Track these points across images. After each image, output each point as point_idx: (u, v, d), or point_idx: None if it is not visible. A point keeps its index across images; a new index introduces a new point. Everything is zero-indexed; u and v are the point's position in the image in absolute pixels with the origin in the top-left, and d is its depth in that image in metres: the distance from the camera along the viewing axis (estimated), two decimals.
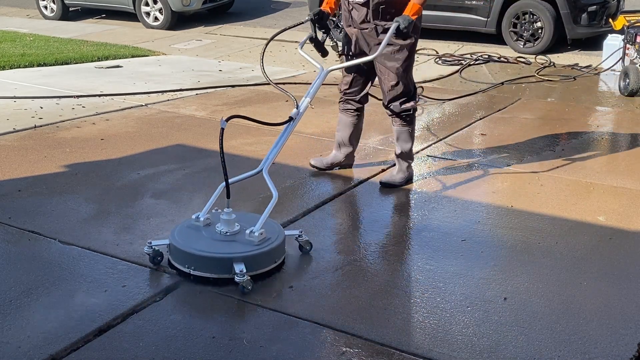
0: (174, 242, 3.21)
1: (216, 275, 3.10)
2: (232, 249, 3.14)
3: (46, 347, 2.63)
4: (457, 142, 5.52)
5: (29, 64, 8.47)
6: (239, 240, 3.21)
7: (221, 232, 3.25)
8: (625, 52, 7.69)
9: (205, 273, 3.11)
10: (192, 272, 3.12)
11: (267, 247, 3.19)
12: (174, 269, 3.21)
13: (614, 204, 4.22)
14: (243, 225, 3.27)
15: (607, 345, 2.73)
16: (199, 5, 12.14)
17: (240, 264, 3.06)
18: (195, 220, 3.34)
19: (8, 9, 14.74)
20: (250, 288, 3.05)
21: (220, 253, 3.13)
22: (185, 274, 3.15)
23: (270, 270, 3.21)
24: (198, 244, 3.17)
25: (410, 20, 3.92)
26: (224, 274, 3.09)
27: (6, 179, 4.40)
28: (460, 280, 3.24)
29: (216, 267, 3.10)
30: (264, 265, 3.18)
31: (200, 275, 3.11)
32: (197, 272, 3.11)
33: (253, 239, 3.17)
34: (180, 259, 3.16)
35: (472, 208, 4.17)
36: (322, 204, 4.14)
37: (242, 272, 3.03)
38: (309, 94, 3.79)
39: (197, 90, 7.27)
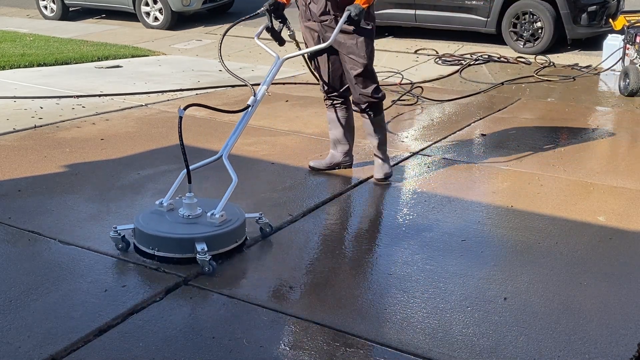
0: (138, 225, 3.33)
1: (179, 255, 3.23)
2: (194, 230, 3.28)
3: (46, 347, 2.63)
4: (457, 142, 5.52)
5: (29, 64, 8.47)
6: (201, 222, 3.35)
7: (183, 215, 3.38)
8: (625, 52, 7.69)
9: (168, 253, 3.24)
10: (156, 252, 3.25)
11: (227, 227, 3.33)
12: (139, 252, 3.33)
13: (614, 204, 4.22)
14: (205, 209, 3.41)
15: (607, 345, 2.73)
16: (199, 5, 12.14)
17: (202, 244, 3.20)
18: (159, 206, 3.46)
19: (8, 9, 14.74)
20: (212, 269, 3.18)
21: (182, 234, 3.26)
22: (150, 256, 3.28)
23: (231, 251, 3.35)
24: (161, 227, 3.31)
25: (360, 9, 3.99)
26: (186, 253, 3.22)
27: (6, 179, 4.40)
28: (460, 280, 3.24)
29: (179, 247, 3.24)
30: (225, 244, 3.32)
31: (164, 255, 3.24)
32: (161, 252, 3.25)
33: (214, 220, 3.32)
34: (145, 242, 3.29)
35: (472, 208, 4.17)
36: (322, 204, 4.14)
37: (204, 250, 3.17)
38: (265, 82, 3.90)
39: (197, 90, 7.27)
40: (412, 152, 5.19)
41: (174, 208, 3.47)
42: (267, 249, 3.56)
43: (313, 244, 3.68)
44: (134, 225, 3.37)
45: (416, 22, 10.31)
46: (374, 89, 4.31)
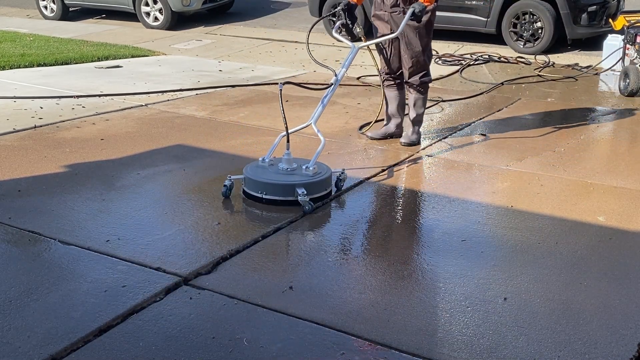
0: (248, 175, 4.10)
1: (283, 198, 3.98)
2: (294, 179, 4.06)
3: (46, 347, 2.63)
4: (457, 142, 5.52)
5: (29, 64, 8.47)
6: (298, 173, 4.13)
7: (283, 168, 4.15)
8: (625, 52, 7.69)
9: (274, 197, 3.99)
10: (264, 196, 4.01)
11: (319, 177, 4.12)
12: (248, 196, 4.10)
13: (614, 204, 4.22)
14: (300, 164, 4.19)
15: (607, 346, 2.73)
16: (199, 5, 12.14)
17: (301, 188, 3.96)
18: (261, 162, 4.23)
19: (8, 9, 14.75)
20: (311, 207, 3.93)
21: (286, 181, 4.03)
22: (258, 199, 4.03)
23: (322, 197, 4.12)
24: (268, 176, 4.08)
25: (423, 6, 4.76)
26: (289, 196, 3.98)
27: (6, 179, 4.40)
28: (460, 280, 3.24)
29: (283, 192, 4.00)
30: (318, 191, 4.09)
31: (271, 198, 4.00)
32: (269, 196, 4.00)
33: (309, 172, 4.11)
34: (254, 187, 4.05)
35: (472, 208, 4.17)
36: (323, 204, 4.14)
37: (304, 193, 3.94)
38: (345, 65, 4.69)
39: (197, 90, 7.27)
40: (412, 152, 5.19)
41: (274, 164, 4.22)
42: (267, 249, 3.56)
43: (313, 243, 3.68)
44: (244, 175, 4.12)
45: None
46: (423, 74, 5.19)
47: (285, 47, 10.22)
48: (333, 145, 5.29)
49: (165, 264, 3.29)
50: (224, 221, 3.86)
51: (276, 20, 12.46)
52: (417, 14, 4.71)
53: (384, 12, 5.10)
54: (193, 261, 3.33)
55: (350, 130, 5.76)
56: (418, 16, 4.73)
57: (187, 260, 3.34)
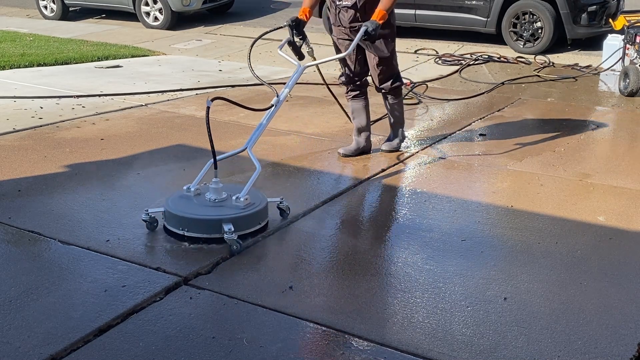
0: (168, 208, 3.58)
1: (207, 235, 3.46)
2: (221, 212, 3.53)
3: (46, 347, 2.63)
4: (457, 142, 5.52)
5: (29, 64, 8.47)
6: (227, 205, 3.59)
7: (210, 199, 3.62)
8: (625, 52, 7.68)
9: (197, 234, 3.47)
10: (186, 233, 3.48)
11: (252, 210, 3.58)
12: (169, 233, 3.57)
13: (614, 204, 4.22)
14: (230, 193, 3.65)
15: (607, 345, 2.73)
16: (199, 5, 12.14)
17: (228, 224, 3.42)
18: (186, 191, 3.71)
19: (8, 9, 14.74)
20: (239, 247, 3.40)
21: (210, 215, 3.51)
22: (179, 236, 3.50)
23: (255, 232, 3.59)
24: (191, 209, 3.55)
25: (376, 24, 4.44)
26: (214, 233, 3.45)
27: (6, 179, 4.40)
28: (460, 280, 3.24)
29: (208, 228, 3.47)
30: (250, 226, 3.56)
31: (193, 236, 3.47)
32: (191, 233, 3.48)
33: (239, 203, 3.57)
34: (175, 223, 3.53)
35: (472, 208, 4.17)
36: (322, 204, 4.14)
37: (231, 230, 3.39)
38: (288, 85, 4.27)
39: (197, 90, 7.27)
40: (412, 152, 5.19)
41: (201, 193, 3.72)
42: (267, 249, 3.56)
43: (313, 244, 3.67)
44: (164, 208, 3.61)
45: (416, 22, 10.30)
46: (393, 80, 4.94)
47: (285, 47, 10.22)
48: (333, 145, 5.30)
49: (165, 264, 3.29)
50: None
51: (276, 20, 12.45)
52: (370, 32, 4.39)
53: (344, 27, 4.81)
54: (193, 261, 3.33)
55: (350, 130, 5.74)
56: (372, 35, 4.42)
57: (187, 260, 3.34)
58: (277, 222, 3.80)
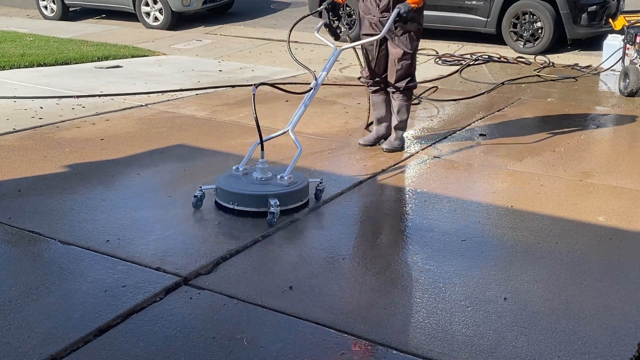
0: (220, 185, 3.95)
1: (255, 209, 3.84)
2: (268, 189, 3.91)
3: (46, 347, 2.63)
4: (457, 142, 5.52)
5: (29, 64, 8.47)
6: (272, 183, 3.98)
7: (257, 178, 4.00)
8: (625, 52, 7.68)
9: (246, 208, 3.86)
10: (235, 207, 3.87)
11: (295, 187, 3.95)
12: (219, 207, 3.94)
13: (614, 204, 4.22)
14: (274, 173, 4.03)
15: (607, 345, 2.73)
16: (199, 5, 12.14)
17: (274, 199, 3.80)
18: (235, 171, 4.08)
19: (8, 9, 14.75)
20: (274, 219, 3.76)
21: (258, 191, 3.88)
22: (229, 210, 3.89)
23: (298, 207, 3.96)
24: (240, 186, 3.94)
25: (409, 7, 4.68)
26: (261, 207, 3.82)
27: (6, 179, 4.40)
28: (460, 280, 3.24)
29: (255, 202, 3.85)
30: (293, 202, 3.93)
31: (242, 209, 3.86)
32: (240, 207, 3.86)
33: (283, 182, 3.95)
34: (226, 198, 3.91)
35: (472, 208, 4.17)
36: (322, 204, 4.14)
37: (276, 204, 3.76)
38: (325, 68, 4.58)
39: (197, 91, 7.27)
40: (412, 152, 5.19)
41: (248, 173, 4.07)
42: (267, 249, 3.56)
43: (313, 244, 3.68)
44: (216, 185, 3.96)
45: None
46: (409, 80, 5.07)
47: (285, 47, 10.21)
48: (333, 145, 5.30)
49: (165, 264, 3.29)
50: (224, 221, 3.86)
51: (276, 20, 12.46)
52: (402, 14, 4.64)
53: (373, 17, 4.97)
54: (193, 261, 3.34)
55: (350, 130, 5.76)
56: (404, 17, 4.65)
57: (187, 260, 3.34)
58: (278, 224, 3.80)
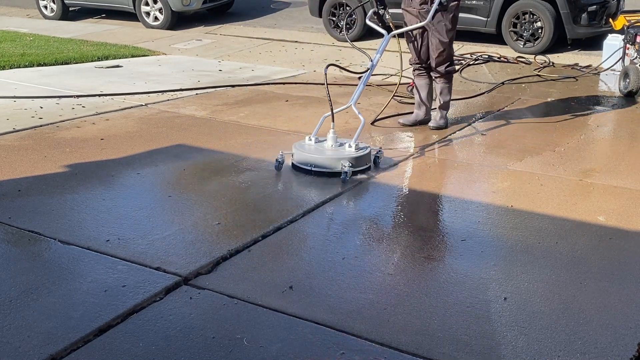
0: (299, 150, 4.72)
1: (330, 170, 4.59)
2: (340, 154, 4.67)
3: (46, 347, 2.63)
4: (457, 142, 5.52)
5: (29, 64, 8.47)
6: (343, 149, 4.73)
7: (330, 145, 4.76)
8: (625, 52, 7.68)
9: (322, 169, 4.60)
10: (313, 169, 4.61)
11: (361, 153, 4.69)
12: (297, 169, 4.68)
13: (614, 204, 4.22)
14: (342, 142, 4.79)
15: (607, 345, 2.73)
16: (199, 5, 12.14)
17: (346, 162, 4.57)
18: (308, 140, 4.83)
19: (8, 9, 14.75)
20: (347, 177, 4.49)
21: (333, 156, 4.65)
22: (307, 171, 4.62)
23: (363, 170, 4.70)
24: (317, 152, 4.71)
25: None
26: (335, 168, 4.58)
27: (6, 179, 4.40)
28: (460, 280, 3.24)
29: (330, 164, 4.61)
30: (360, 165, 4.67)
31: (319, 170, 4.60)
32: (317, 169, 4.61)
33: (352, 148, 4.69)
34: (305, 162, 4.66)
35: (472, 208, 4.17)
36: (322, 204, 4.14)
37: (348, 165, 4.55)
38: (379, 51, 5.24)
39: (197, 90, 7.27)
40: (412, 152, 5.19)
41: (319, 141, 4.81)
42: (267, 249, 3.56)
43: (313, 243, 3.68)
44: (294, 151, 4.73)
45: None
46: (448, 64, 5.71)
47: (285, 47, 10.22)
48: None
49: (165, 264, 3.30)
50: (224, 221, 3.86)
51: (276, 20, 12.46)
52: (443, 3, 5.28)
53: (413, 9, 5.63)
54: (193, 261, 3.34)
55: (350, 130, 5.75)
56: (444, 5, 5.29)
57: (187, 260, 3.34)
58: (278, 223, 3.80)
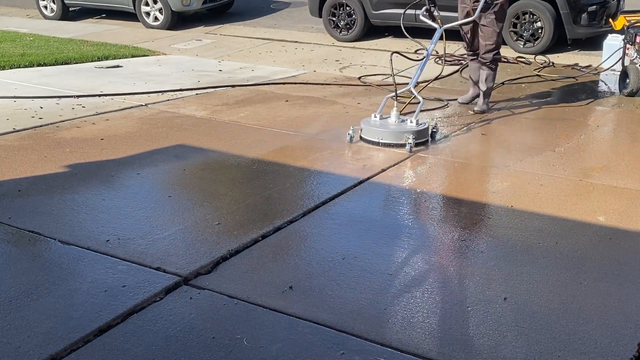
0: (368, 126, 5.41)
1: (395, 142, 5.26)
2: (404, 128, 5.36)
3: (46, 347, 2.63)
4: (457, 142, 5.52)
5: (29, 64, 8.47)
6: (406, 124, 5.42)
7: (394, 121, 5.45)
8: (625, 52, 7.68)
9: (389, 141, 5.28)
10: (381, 141, 5.30)
11: (422, 127, 5.39)
12: (366, 142, 5.36)
13: (614, 204, 4.22)
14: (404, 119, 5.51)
15: (607, 345, 2.73)
16: (199, 5, 12.14)
17: (410, 134, 5.23)
18: (374, 117, 5.50)
19: (8, 9, 14.75)
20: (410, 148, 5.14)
21: (399, 130, 5.34)
22: (375, 143, 5.31)
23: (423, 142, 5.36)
24: (383, 127, 5.41)
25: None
26: (399, 141, 5.25)
27: (6, 179, 4.40)
28: (460, 280, 3.24)
29: (396, 137, 5.29)
30: (420, 137, 5.34)
31: (386, 142, 5.28)
32: (384, 140, 5.29)
33: (413, 123, 5.38)
34: (372, 134, 5.36)
35: (472, 208, 4.17)
36: (322, 204, 4.14)
37: (413, 138, 5.20)
38: (433, 42, 6.17)
39: (197, 90, 7.27)
40: (412, 152, 5.19)
41: (384, 118, 5.50)
42: (267, 249, 3.56)
43: (313, 244, 3.68)
44: (363, 127, 5.43)
45: (416, 22, 10.29)
46: (495, 52, 6.40)
47: (285, 47, 10.21)
48: (334, 145, 5.30)
49: (165, 264, 3.30)
50: (224, 221, 3.86)
51: (276, 20, 12.46)
52: (488, 1, 6.04)
53: (467, 6, 6.46)
54: (193, 261, 3.34)
55: None
56: (489, 4, 6.09)
57: (187, 260, 3.34)
58: (278, 222, 3.80)
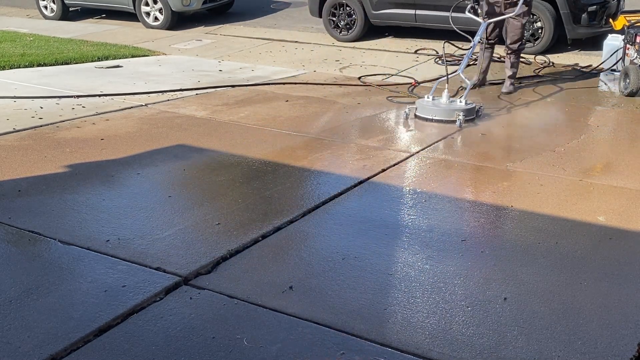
0: (423, 105, 6.15)
1: (448, 118, 5.96)
2: (455, 107, 6.08)
3: (46, 347, 2.63)
4: (457, 142, 5.52)
5: (29, 64, 8.47)
6: (456, 103, 6.15)
7: (445, 102, 6.15)
8: (625, 52, 7.68)
9: (442, 118, 5.99)
10: (434, 118, 6.03)
11: (470, 106, 6.12)
12: (420, 119, 6.09)
13: (614, 204, 4.22)
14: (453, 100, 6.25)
15: (607, 345, 2.73)
16: (199, 5, 12.14)
17: (460, 112, 5.94)
18: (427, 98, 6.19)
19: (8, 9, 14.75)
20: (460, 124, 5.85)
21: (450, 108, 6.07)
22: (429, 120, 6.03)
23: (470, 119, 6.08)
24: (436, 105, 6.12)
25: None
26: (451, 118, 5.94)
27: (6, 179, 4.40)
28: (460, 280, 3.24)
29: (448, 114, 6.00)
30: (469, 115, 6.05)
31: (439, 119, 6.00)
32: (438, 117, 6.01)
33: (463, 103, 6.11)
34: (427, 112, 6.09)
35: (472, 208, 4.17)
36: (322, 204, 4.14)
37: (462, 115, 5.91)
38: (478, 34, 6.83)
39: (197, 90, 7.27)
40: (412, 152, 5.19)
41: (435, 99, 6.17)
42: (267, 249, 3.56)
43: (313, 244, 3.68)
44: (417, 106, 6.18)
45: (416, 22, 10.30)
46: (520, 43, 7.29)
47: (285, 47, 10.21)
48: (334, 145, 5.30)
49: (165, 264, 3.30)
50: (224, 221, 3.86)
51: (276, 20, 12.46)
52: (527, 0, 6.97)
53: (499, 2, 7.12)
54: (193, 261, 3.34)
55: (350, 129, 5.75)
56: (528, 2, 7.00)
57: (187, 260, 3.34)
58: (278, 222, 3.80)
